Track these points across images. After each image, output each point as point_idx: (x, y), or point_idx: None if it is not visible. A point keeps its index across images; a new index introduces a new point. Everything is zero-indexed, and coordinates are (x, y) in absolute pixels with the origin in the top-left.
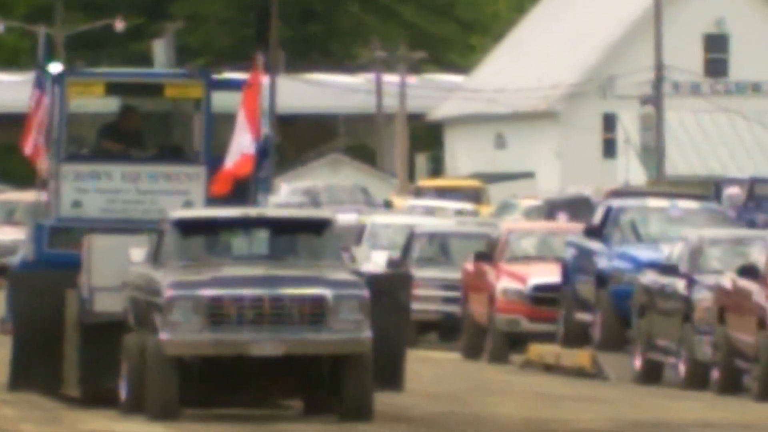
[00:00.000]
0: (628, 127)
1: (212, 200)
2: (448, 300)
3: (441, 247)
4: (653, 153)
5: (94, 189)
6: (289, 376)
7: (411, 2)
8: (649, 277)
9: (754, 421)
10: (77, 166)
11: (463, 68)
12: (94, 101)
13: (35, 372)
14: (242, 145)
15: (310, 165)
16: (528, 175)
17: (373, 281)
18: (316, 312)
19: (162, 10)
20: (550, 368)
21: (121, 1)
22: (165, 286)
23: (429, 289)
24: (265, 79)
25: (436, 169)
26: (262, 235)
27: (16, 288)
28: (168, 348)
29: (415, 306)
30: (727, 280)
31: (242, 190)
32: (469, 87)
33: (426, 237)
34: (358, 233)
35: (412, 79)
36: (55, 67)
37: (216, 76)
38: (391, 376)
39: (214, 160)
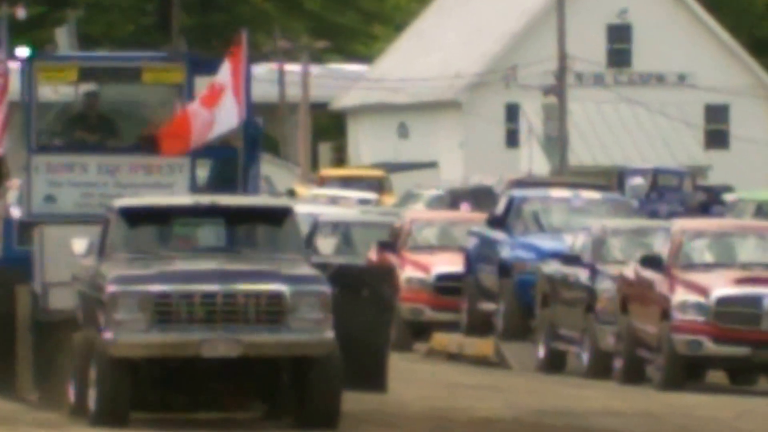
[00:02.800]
0: (531, 117)
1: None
2: None
3: (344, 236)
4: (556, 143)
5: (68, 182)
6: (244, 380)
7: None
8: (552, 267)
9: (655, 410)
10: (50, 158)
11: (365, 58)
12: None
13: None
14: (229, 119)
15: None
16: (431, 165)
17: (354, 273)
18: (273, 310)
19: None
20: (453, 357)
21: None
22: (108, 280)
23: None
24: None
25: (339, 158)
26: (216, 226)
27: None
28: (112, 348)
29: None
30: (630, 271)
31: (229, 186)
32: (372, 77)
33: (329, 226)
34: None
35: (315, 69)
36: (23, 51)
37: (199, 58)
38: (373, 376)
39: (200, 149)
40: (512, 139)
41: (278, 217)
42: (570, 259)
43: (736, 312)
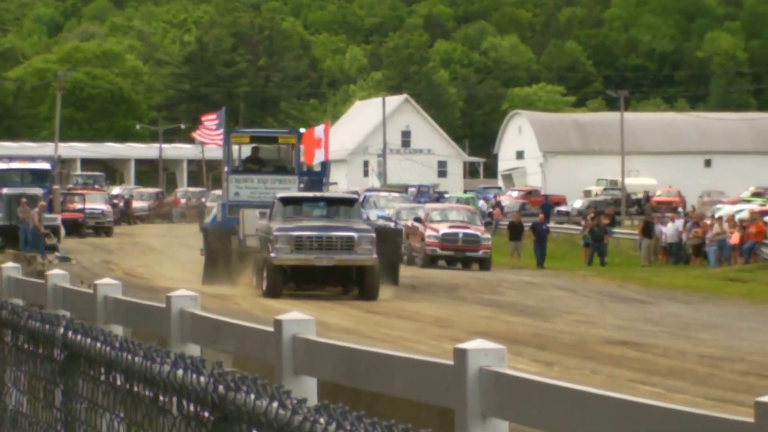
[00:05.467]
0: (373, 165)
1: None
2: None
3: None
4: (382, 175)
5: (245, 187)
6: (335, 277)
7: None
8: (380, 221)
9: (420, 275)
10: (237, 176)
11: None
12: (244, 146)
13: (217, 274)
14: (320, 157)
15: None
16: (335, 183)
17: (382, 231)
18: (349, 244)
19: None
20: None
21: None
22: (273, 230)
23: None
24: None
25: None
26: (321, 206)
27: (207, 234)
28: (274, 261)
29: None
30: (410, 223)
31: (316, 187)
32: None
33: None
34: None
35: None
36: (227, 128)
37: (301, 132)
38: (393, 279)
39: (302, 173)
40: (366, 173)
41: (351, 202)
42: (387, 218)
43: (451, 238)
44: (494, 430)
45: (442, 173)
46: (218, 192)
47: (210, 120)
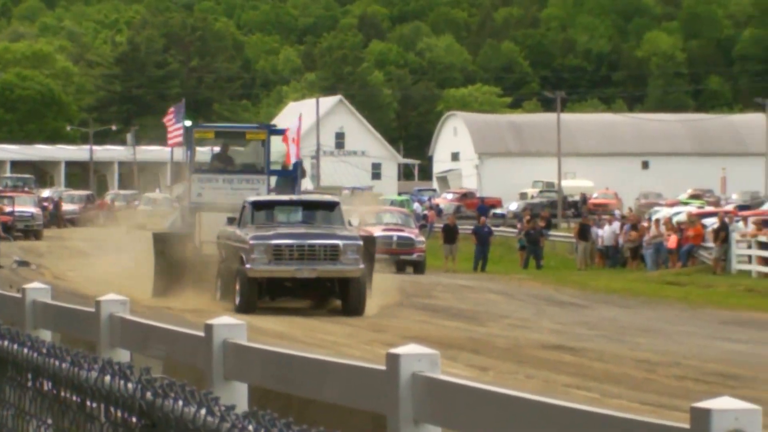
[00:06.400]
0: (306, 168)
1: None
2: None
3: None
4: (316, 177)
5: (209, 187)
6: (316, 290)
7: None
8: None
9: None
10: (200, 175)
11: None
12: (209, 141)
13: (168, 286)
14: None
15: None
16: None
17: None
18: (333, 253)
19: None
20: None
21: None
22: (248, 238)
23: None
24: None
25: None
26: (299, 210)
27: (159, 240)
28: (250, 273)
29: None
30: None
31: (289, 188)
32: None
33: None
34: None
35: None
36: (187, 123)
37: (271, 128)
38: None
39: (272, 172)
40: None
41: (332, 206)
42: None
43: (385, 241)
44: None
45: (376, 175)
46: (151, 195)
47: (169, 118)
